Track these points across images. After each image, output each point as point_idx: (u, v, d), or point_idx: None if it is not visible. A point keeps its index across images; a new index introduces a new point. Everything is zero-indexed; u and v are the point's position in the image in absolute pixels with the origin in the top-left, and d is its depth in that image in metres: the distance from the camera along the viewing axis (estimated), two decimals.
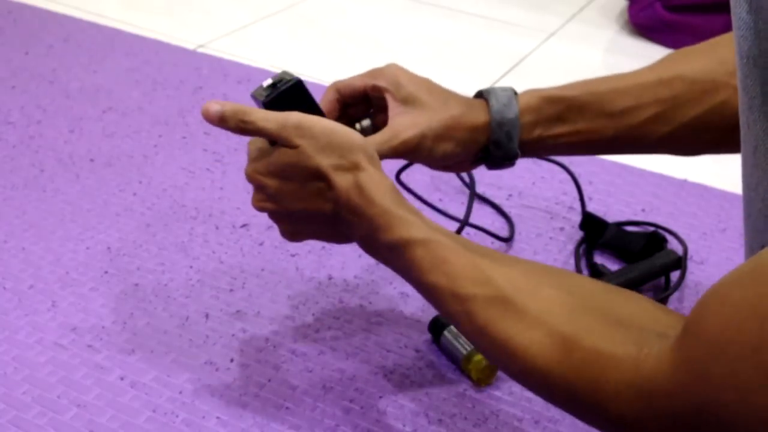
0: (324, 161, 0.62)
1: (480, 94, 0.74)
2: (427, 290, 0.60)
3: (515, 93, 0.73)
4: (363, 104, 0.75)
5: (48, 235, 0.95)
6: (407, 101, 0.71)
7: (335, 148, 0.63)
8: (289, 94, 0.67)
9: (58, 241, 0.94)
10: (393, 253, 0.61)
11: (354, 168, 0.63)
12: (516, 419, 0.74)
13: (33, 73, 1.32)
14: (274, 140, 0.65)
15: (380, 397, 0.75)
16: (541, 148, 0.74)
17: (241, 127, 0.64)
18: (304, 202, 0.65)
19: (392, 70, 0.73)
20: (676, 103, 0.70)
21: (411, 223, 0.60)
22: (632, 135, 0.72)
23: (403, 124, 0.70)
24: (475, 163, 0.76)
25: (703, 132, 0.70)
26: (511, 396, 0.76)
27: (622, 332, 0.49)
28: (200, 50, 1.44)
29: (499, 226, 0.99)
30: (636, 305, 0.53)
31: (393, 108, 0.71)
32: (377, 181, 0.62)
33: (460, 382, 0.77)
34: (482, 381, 0.76)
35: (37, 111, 1.21)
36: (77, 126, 1.17)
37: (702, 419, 0.42)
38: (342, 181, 0.62)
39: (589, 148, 0.74)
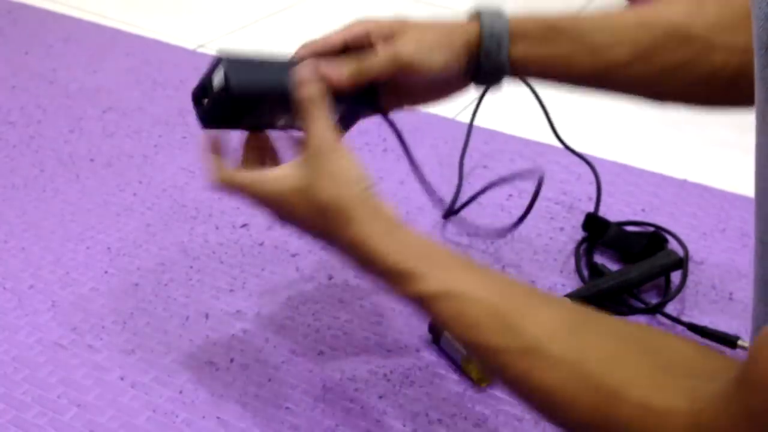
0: (320, 218, 0.61)
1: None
2: (458, 340, 0.57)
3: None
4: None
5: (48, 235, 0.95)
6: (394, 31, 0.70)
7: (329, 200, 0.60)
8: (226, 107, 0.63)
9: (58, 241, 0.94)
10: (411, 303, 0.59)
11: (346, 222, 0.59)
12: (516, 419, 0.74)
13: (33, 73, 1.32)
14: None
15: (380, 397, 0.75)
16: (525, 69, 0.73)
17: (304, 104, 0.63)
18: (314, 230, 0.63)
19: (364, 19, 0.71)
20: (651, 48, 0.70)
21: (421, 277, 0.57)
22: (607, 71, 0.71)
23: (397, 43, 0.69)
24: (465, 81, 0.74)
25: (673, 81, 0.70)
26: (511, 396, 0.76)
27: (670, 382, 0.47)
28: (200, 50, 1.44)
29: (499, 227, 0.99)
30: (678, 349, 0.50)
31: (380, 43, 0.70)
32: (371, 232, 0.59)
33: (460, 382, 0.77)
34: (482, 381, 0.76)
35: (37, 111, 1.21)
36: (77, 126, 1.17)
37: None
38: (340, 237, 0.60)
39: (567, 76, 0.73)
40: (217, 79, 0.63)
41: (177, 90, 1.28)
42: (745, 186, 1.07)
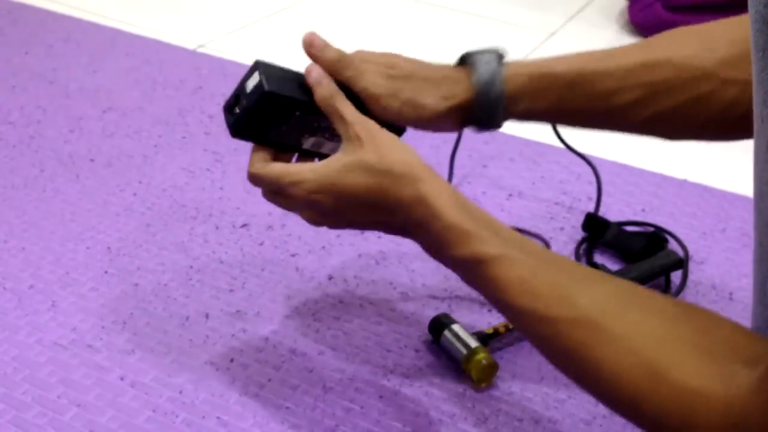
0: (384, 180, 0.61)
1: (463, 60, 0.72)
2: (506, 308, 0.57)
3: (500, 60, 0.71)
4: None
5: (48, 235, 0.95)
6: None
7: (394, 162, 0.62)
8: (258, 110, 0.65)
9: (58, 241, 0.94)
10: (464, 269, 0.60)
11: (414, 180, 0.61)
12: (516, 419, 0.74)
13: (33, 73, 1.32)
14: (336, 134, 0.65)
15: (380, 397, 0.75)
16: (525, 120, 0.73)
17: (325, 98, 0.65)
18: (366, 215, 0.64)
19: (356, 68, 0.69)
20: (659, 89, 0.69)
21: (482, 239, 0.58)
22: (614, 116, 0.71)
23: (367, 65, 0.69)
24: (459, 127, 0.74)
25: (685, 119, 0.70)
26: (511, 396, 0.76)
27: (710, 364, 0.48)
28: (200, 50, 1.44)
29: None
30: (721, 331, 0.51)
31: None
32: (440, 191, 0.61)
33: (460, 382, 0.77)
34: (482, 381, 0.76)
35: (37, 111, 1.21)
36: (77, 126, 1.17)
37: None
38: (404, 195, 0.61)
39: (571, 123, 0.73)
40: (252, 81, 0.64)
41: (177, 90, 1.28)
42: (745, 186, 1.07)
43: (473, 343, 0.77)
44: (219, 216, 0.99)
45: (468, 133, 1.10)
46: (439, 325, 0.80)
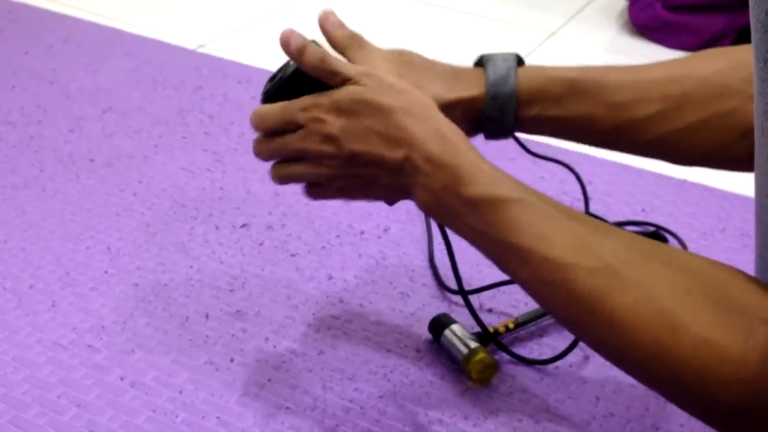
0: (395, 102, 0.60)
1: (480, 61, 0.71)
2: (513, 252, 0.55)
3: (518, 62, 0.69)
4: None
5: (48, 235, 0.95)
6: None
7: (412, 101, 0.60)
8: (291, 83, 0.66)
9: (58, 241, 0.94)
10: (475, 210, 0.57)
11: (430, 116, 0.60)
12: (516, 419, 0.74)
13: (33, 73, 1.32)
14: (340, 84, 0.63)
15: (380, 397, 0.75)
16: (537, 129, 0.71)
17: (315, 63, 0.63)
18: (370, 145, 0.61)
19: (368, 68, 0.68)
20: (682, 103, 0.67)
21: (501, 180, 0.57)
22: (631, 129, 0.69)
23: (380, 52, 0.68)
24: (471, 134, 0.72)
25: (704, 138, 0.67)
26: (511, 396, 0.76)
27: (729, 318, 0.48)
28: (200, 50, 1.44)
29: None
30: (741, 286, 0.50)
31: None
32: (458, 131, 0.59)
33: (460, 382, 0.77)
34: (482, 381, 0.76)
35: (37, 111, 1.21)
36: (77, 126, 1.17)
37: None
38: (419, 127, 0.59)
39: (585, 136, 0.71)
40: (291, 64, 0.66)
41: (177, 90, 1.28)
42: (745, 186, 1.07)
43: (473, 343, 0.77)
44: (219, 216, 0.99)
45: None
46: (439, 325, 0.80)
